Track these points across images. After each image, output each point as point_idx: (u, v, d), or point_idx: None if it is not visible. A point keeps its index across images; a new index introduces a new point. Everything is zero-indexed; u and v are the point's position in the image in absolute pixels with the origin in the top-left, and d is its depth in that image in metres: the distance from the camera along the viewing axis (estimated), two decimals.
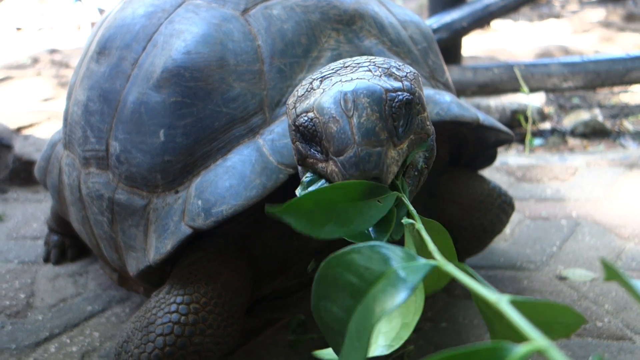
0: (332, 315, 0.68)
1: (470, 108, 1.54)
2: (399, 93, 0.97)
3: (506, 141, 1.73)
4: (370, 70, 1.02)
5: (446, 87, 1.65)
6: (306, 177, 1.05)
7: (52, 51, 6.17)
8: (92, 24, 7.57)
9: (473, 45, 6.11)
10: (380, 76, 1.01)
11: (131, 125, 1.39)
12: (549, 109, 4.15)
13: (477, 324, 1.70)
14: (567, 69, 3.77)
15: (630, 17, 7.65)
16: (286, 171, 1.24)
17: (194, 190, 1.30)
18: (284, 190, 1.23)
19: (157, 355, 1.22)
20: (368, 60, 1.07)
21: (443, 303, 1.81)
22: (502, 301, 0.57)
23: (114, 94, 1.47)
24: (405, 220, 0.91)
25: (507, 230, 2.28)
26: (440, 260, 0.70)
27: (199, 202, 1.26)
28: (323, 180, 1.02)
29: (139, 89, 1.40)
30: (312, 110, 0.98)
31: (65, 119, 1.73)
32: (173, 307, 1.26)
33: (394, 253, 0.70)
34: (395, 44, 1.53)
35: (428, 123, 1.06)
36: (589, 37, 6.68)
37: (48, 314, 1.82)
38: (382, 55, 1.45)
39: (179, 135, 1.32)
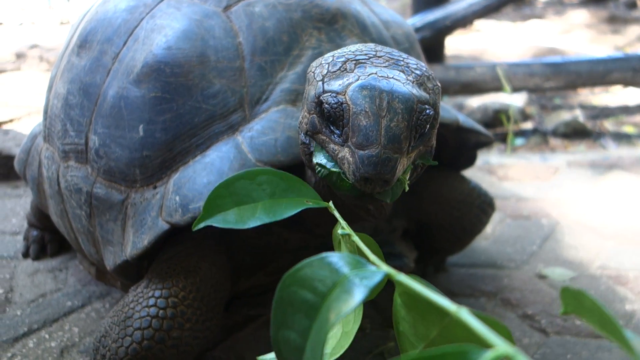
0: (291, 345, 0.67)
1: (450, 110, 1.55)
2: (427, 107, 0.99)
3: (486, 143, 1.74)
4: (404, 72, 1.02)
5: None
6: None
7: (34, 46, 6.11)
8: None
9: (457, 45, 6.15)
10: (414, 82, 1.01)
11: (111, 120, 1.38)
12: (531, 109, 4.19)
13: None
14: (549, 69, 3.81)
15: (612, 19, 7.74)
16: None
17: (172, 186, 1.29)
18: None
19: (135, 350, 1.22)
20: (401, 57, 1.07)
21: None
22: (462, 311, 0.58)
23: (94, 87, 1.46)
24: (341, 231, 0.92)
25: (488, 228, 2.30)
26: (388, 270, 0.70)
27: (177, 198, 1.26)
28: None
29: (119, 83, 1.39)
30: (344, 95, 0.98)
31: (45, 112, 1.71)
32: (151, 301, 1.25)
33: (343, 261, 0.70)
34: (377, 44, 1.53)
35: (434, 137, 1.08)
36: (571, 38, 6.75)
37: (27, 309, 1.81)
38: None
39: (158, 131, 1.32)
